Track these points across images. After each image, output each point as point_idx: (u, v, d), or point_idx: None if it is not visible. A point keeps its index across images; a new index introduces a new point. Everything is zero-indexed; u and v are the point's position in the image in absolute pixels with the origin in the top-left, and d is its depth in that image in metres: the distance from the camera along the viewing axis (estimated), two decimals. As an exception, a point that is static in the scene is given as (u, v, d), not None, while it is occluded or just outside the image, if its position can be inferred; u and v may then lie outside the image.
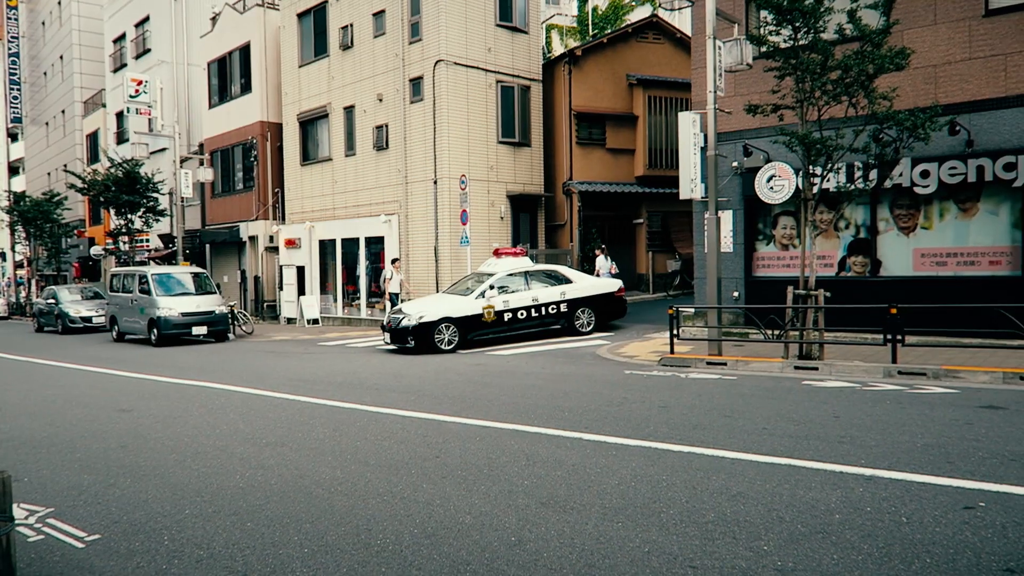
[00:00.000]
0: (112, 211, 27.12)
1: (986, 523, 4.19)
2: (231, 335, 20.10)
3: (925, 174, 12.08)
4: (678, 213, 23.24)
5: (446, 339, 14.08)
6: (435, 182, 19.78)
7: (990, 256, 11.93)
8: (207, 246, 28.92)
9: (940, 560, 3.74)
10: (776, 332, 11.21)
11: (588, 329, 15.25)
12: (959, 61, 12.05)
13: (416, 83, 20.35)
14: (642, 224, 23.60)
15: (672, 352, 11.50)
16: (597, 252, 19.68)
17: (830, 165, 10.60)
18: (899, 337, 9.62)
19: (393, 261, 18.83)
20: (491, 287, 14.61)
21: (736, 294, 14.30)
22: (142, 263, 27.19)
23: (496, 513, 4.71)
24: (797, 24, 10.45)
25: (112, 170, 26.52)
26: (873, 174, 11.91)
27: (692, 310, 14.02)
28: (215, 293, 20.35)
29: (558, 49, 30.88)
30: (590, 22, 32.00)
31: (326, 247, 23.64)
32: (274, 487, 5.51)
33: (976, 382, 8.69)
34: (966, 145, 11.84)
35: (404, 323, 14.21)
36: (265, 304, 25.98)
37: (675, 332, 11.63)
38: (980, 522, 4.21)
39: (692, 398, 8.32)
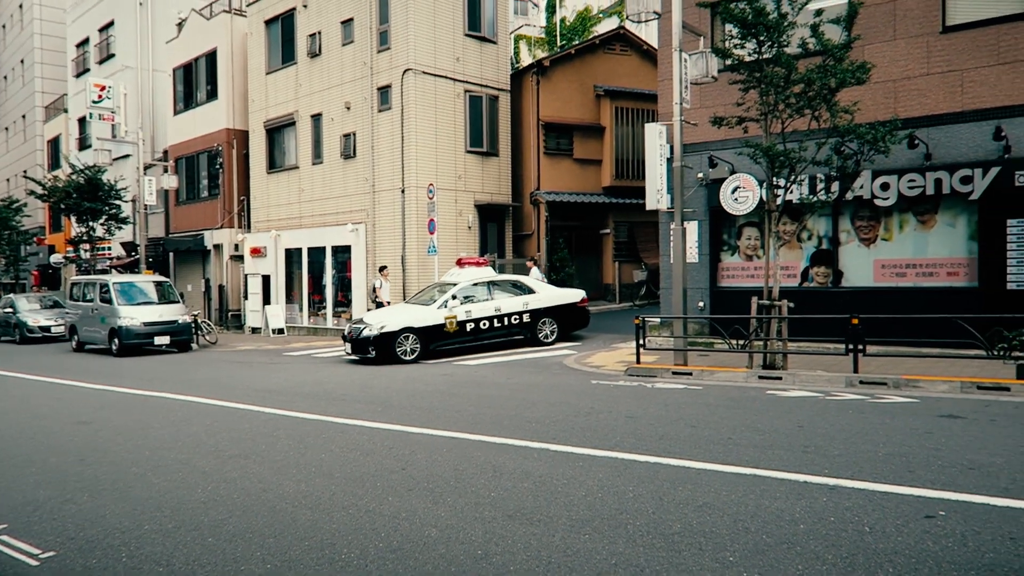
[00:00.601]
0: (73, 218, 26.59)
1: (946, 532, 4.26)
2: (194, 345, 19.78)
3: (885, 186, 12.32)
4: (645, 223, 23.44)
5: (408, 349, 13.96)
6: (403, 191, 19.71)
7: (948, 267, 12.20)
8: (171, 254, 28.47)
9: (902, 569, 3.78)
10: (741, 342, 11.33)
11: (551, 339, 15.25)
12: (918, 76, 12.34)
13: (384, 92, 20.29)
14: (609, 234, 23.74)
15: (638, 362, 11.56)
16: (529, 264, 19.36)
17: (793, 177, 10.77)
18: (860, 347, 9.79)
19: (381, 269, 18.51)
20: (453, 297, 14.55)
21: (701, 304, 14.44)
22: (103, 271, 26.65)
23: (462, 526, 4.67)
24: (761, 38, 10.62)
25: (74, 176, 26.01)
26: (835, 186, 12.13)
27: (658, 320, 14.12)
28: (178, 302, 20.02)
29: (526, 60, 31.05)
30: (558, 33, 32.23)
31: (292, 256, 23.40)
32: (237, 501, 5.41)
33: (935, 391, 8.87)
34: (924, 158, 12.11)
35: (365, 333, 14.08)
36: (230, 314, 25.62)
37: (641, 342, 11.70)
38: (940, 531, 4.28)
39: (658, 408, 8.36)
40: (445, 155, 20.30)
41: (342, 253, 21.64)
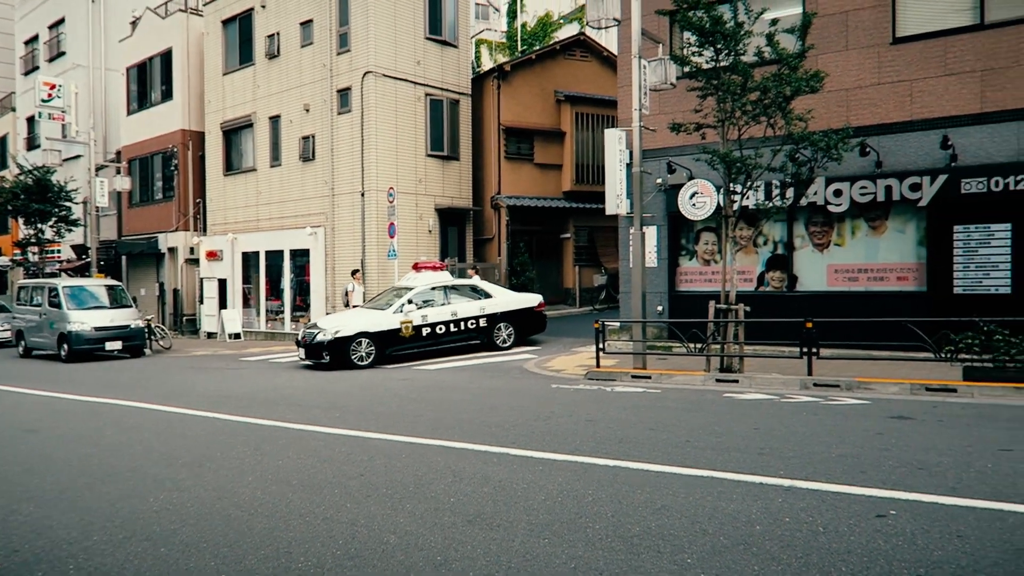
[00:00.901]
0: (21, 220, 25.79)
1: (897, 531, 4.35)
2: (147, 350, 19.35)
3: (838, 193, 12.60)
4: (604, 228, 23.61)
5: (362, 354, 13.82)
6: (363, 194, 19.56)
7: (898, 272, 12.52)
8: (123, 258, 27.82)
9: (855, 568, 3.85)
10: (698, 346, 11.47)
11: (508, 344, 15.24)
12: (869, 85, 12.65)
13: (344, 94, 20.12)
14: (569, 239, 23.87)
15: (598, 366, 11.63)
16: (471, 272, 18.59)
17: (749, 183, 10.95)
18: (814, 350, 9.98)
19: (354, 273, 18.21)
20: (409, 301, 14.44)
21: (660, 308, 14.58)
22: (53, 275, 25.90)
23: (422, 532, 4.64)
24: (719, 46, 10.78)
25: (22, 177, 25.22)
26: (790, 192, 12.38)
27: (618, 324, 14.23)
28: (131, 307, 19.56)
29: (487, 64, 31.10)
30: (519, 38, 32.32)
31: (249, 259, 23.05)
32: (191, 510, 5.30)
33: (886, 393, 9.08)
34: (876, 166, 12.42)
35: (319, 338, 13.89)
36: (185, 318, 25.12)
37: (601, 346, 11.77)
38: (891, 530, 4.37)
39: (618, 412, 8.42)
40: (406, 158, 20.20)
41: (300, 256, 21.38)
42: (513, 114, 22.44)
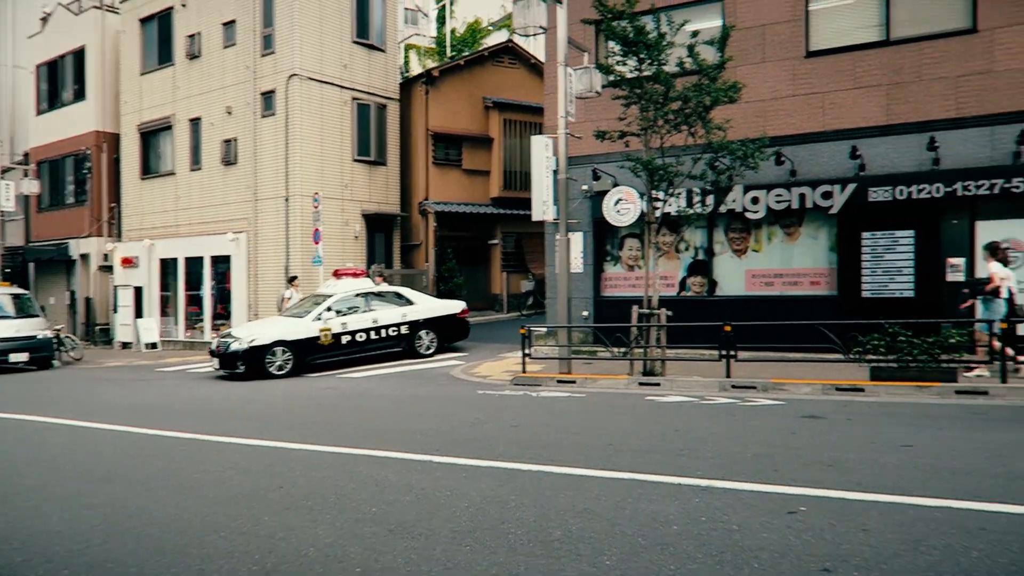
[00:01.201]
0: (-84, 225, 24.31)
1: (807, 526, 4.50)
2: (56, 362, 18.47)
3: (755, 200, 13.02)
4: (532, 234, 23.78)
5: (279, 364, 13.50)
6: (287, 199, 19.17)
7: (811, 277, 13.01)
8: (31, 265, 26.51)
9: (766, 564, 3.97)
10: (622, 350, 11.66)
11: (430, 351, 15.11)
12: (785, 97, 13.12)
13: (268, 97, 19.71)
14: (497, 245, 23.95)
15: (524, 372, 11.69)
16: (377, 279, 17.29)
17: (671, 190, 11.21)
18: (733, 353, 10.28)
19: (291, 280, 17.60)
20: (328, 309, 14.20)
21: (585, 313, 14.77)
22: (-48, 283, 24.46)
23: (342, 544, 4.56)
24: (642, 56, 11.02)
25: (-84, 179, 23.79)
26: (710, 199, 12.74)
27: (544, 329, 14.33)
28: (38, 316, 18.66)
29: (416, 70, 30.94)
30: (448, 44, 32.31)
31: (167, 266, 22.29)
32: (98, 528, 5.07)
33: (800, 394, 9.42)
34: (790, 174, 12.89)
35: (234, 347, 13.52)
36: (98, 328, 24.10)
37: (527, 351, 11.84)
38: (801, 525, 4.52)
39: (543, 416, 8.47)
40: (331, 163, 19.91)
41: (222, 263, 20.79)
42: (441, 120, 22.40)
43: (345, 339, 14.23)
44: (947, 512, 4.66)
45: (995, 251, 10.11)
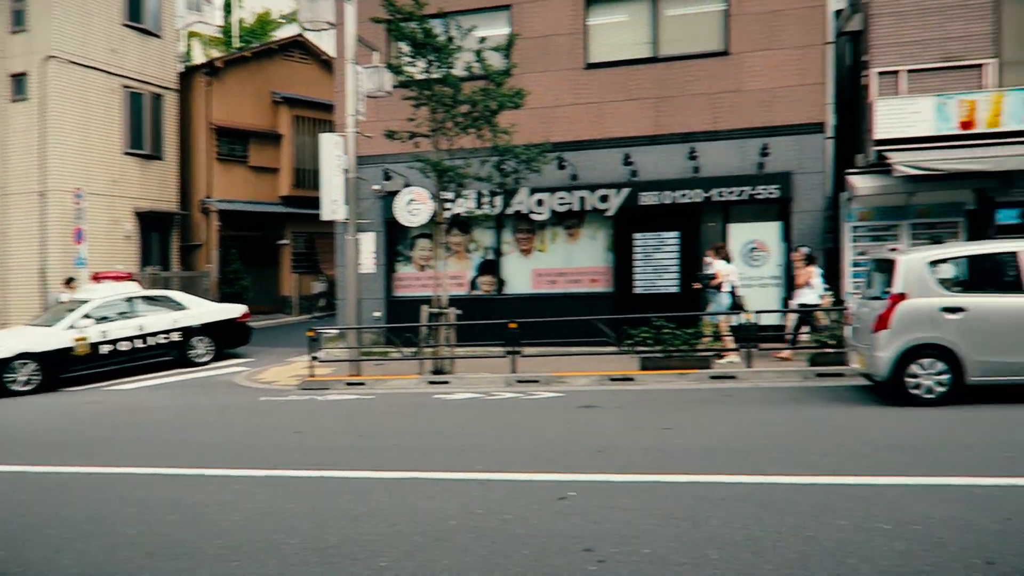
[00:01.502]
0: None
1: (574, 510, 4.77)
2: None
3: (541, 203, 13.59)
4: (324, 234, 23.09)
5: (23, 379, 11.96)
6: (42, 195, 17.20)
7: (591, 275, 13.82)
8: None
9: (535, 549, 4.14)
10: (413, 350, 11.68)
11: (206, 359, 14.02)
12: (567, 105, 13.80)
13: (19, 80, 17.59)
14: (287, 245, 23.08)
15: (312, 376, 11.35)
16: (69, 286, 15.63)
17: (460, 192, 11.39)
18: (518, 349, 10.66)
19: (68, 281, 15.41)
20: (86, 316, 12.76)
21: (378, 314, 14.63)
22: None
23: (92, 573, 4.16)
24: (431, 58, 11.08)
25: None
26: (498, 201, 13.12)
27: (334, 331, 14.00)
28: None
29: (201, 59, 29.01)
30: (236, 34, 30.61)
31: None
32: None
33: (578, 385, 9.97)
34: (572, 179, 13.60)
35: None
36: None
37: (316, 355, 11.50)
38: (569, 510, 4.78)
39: (329, 421, 8.29)
40: (98, 156, 18.14)
41: (-39, 265, 18.22)
42: (226, 113, 21.18)
43: (105, 349, 12.87)
44: (693, 486, 5.14)
45: (718, 250, 11.45)
